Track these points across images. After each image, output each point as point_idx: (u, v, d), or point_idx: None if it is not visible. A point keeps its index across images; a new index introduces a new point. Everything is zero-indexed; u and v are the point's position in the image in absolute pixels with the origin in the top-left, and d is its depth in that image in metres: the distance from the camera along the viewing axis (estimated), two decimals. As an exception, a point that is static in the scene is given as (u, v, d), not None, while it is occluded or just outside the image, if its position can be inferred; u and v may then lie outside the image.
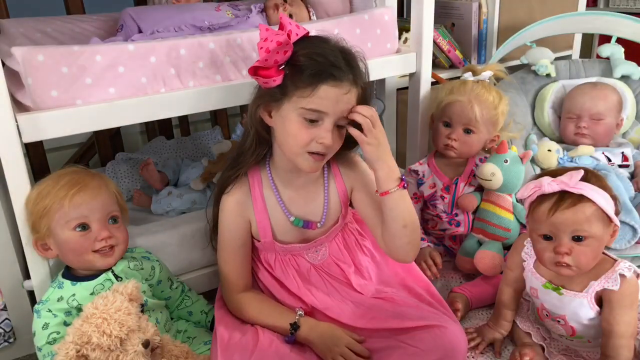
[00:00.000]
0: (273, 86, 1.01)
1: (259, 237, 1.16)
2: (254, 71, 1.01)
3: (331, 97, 1.00)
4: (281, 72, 1.01)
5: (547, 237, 1.01)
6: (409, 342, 1.03)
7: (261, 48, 0.98)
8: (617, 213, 1.00)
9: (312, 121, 1.01)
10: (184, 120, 2.11)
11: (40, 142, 1.59)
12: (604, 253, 1.03)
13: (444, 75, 1.97)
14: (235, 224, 1.15)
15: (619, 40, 1.82)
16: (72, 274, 1.08)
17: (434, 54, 1.80)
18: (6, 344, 1.26)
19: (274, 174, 1.15)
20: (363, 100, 1.07)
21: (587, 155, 1.55)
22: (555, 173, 1.02)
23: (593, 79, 1.76)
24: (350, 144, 1.11)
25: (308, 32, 1.04)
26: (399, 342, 1.04)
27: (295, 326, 1.09)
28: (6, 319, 1.24)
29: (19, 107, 1.09)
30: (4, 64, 1.09)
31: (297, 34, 1.01)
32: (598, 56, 1.84)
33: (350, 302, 1.15)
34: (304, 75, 0.99)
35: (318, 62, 0.99)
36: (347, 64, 1.02)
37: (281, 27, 1.03)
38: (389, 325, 1.08)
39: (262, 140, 1.12)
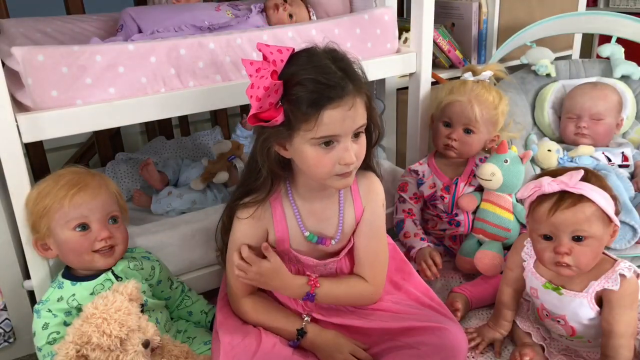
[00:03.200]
0: (278, 124, 0.98)
1: (275, 244, 1.13)
2: (254, 119, 0.97)
3: (337, 119, 0.95)
4: (280, 108, 0.96)
5: (547, 237, 1.01)
6: (410, 344, 1.03)
7: (251, 97, 0.95)
8: (617, 213, 1.00)
9: (328, 144, 0.98)
10: (184, 120, 2.11)
11: (40, 142, 1.59)
12: (604, 253, 1.03)
13: (444, 75, 1.97)
14: (250, 234, 1.11)
15: (619, 40, 1.82)
16: (72, 274, 1.08)
17: (434, 54, 1.80)
18: (6, 344, 1.26)
19: (293, 189, 1.12)
20: (369, 105, 1.03)
21: (587, 155, 1.55)
22: (555, 173, 1.02)
23: (593, 79, 1.76)
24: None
25: (293, 50, 1.00)
26: (401, 344, 1.05)
27: (302, 332, 1.09)
28: (6, 319, 1.24)
29: (19, 107, 1.08)
30: (4, 64, 1.09)
31: (281, 60, 0.96)
32: (598, 56, 1.84)
33: (352, 310, 1.15)
34: (303, 107, 0.94)
35: (311, 89, 0.94)
36: (343, 74, 0.97)
37: (264, 58, 0.98)
38: (389, 325, 1.08)
39: (277, 176, 1.08)
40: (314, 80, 0.95)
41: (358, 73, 1.02)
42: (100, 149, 1.89)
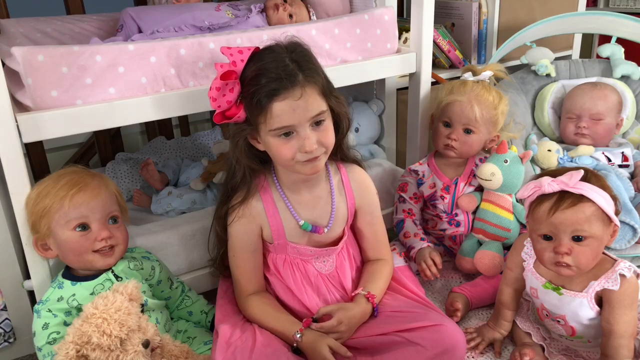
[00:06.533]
0: (242, 121, 1.04)
1: (272, 239, 1.16)
2: (220, 117, 1.03)
3: (287, 110, 0.99)
4: (241, 105, 1.03)
5: (547, 237, 1.01)
6: (408, 338, 1.04)
7: (210, 97, 1.01)
8: (617, 213, 1.00)
9: (287, 135, 1.02)
10: (184, 120, 2.11)
11: (40, 142, 1.59)
12: (604, 253, 1.04)
13: (444, 75, 1.97)
14: (246, 232, 1.14)
15: (619, 40, 1.83)
16: (72, 274, 1.08)
17: (434, 54, 1.80)
18: (6, 344, 1.26)
19: (280, 182, 1.15)
20: (327, 90, 1.06)
21: (587, 155, 1.55)
22: (555, 173, 1.02)
23: (593, 79, 1.76)
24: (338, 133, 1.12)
25: (257, 49, 1.03)
26: (399, 338, 1.05)
27: (295, 349, 1.09)
28: (6, 319, 1.24)
29: (19, 107, 1.09)
30: (4, 64, 1.09)
31: (242, 60, 1.01)
32: (598, 56, 1.85)
33: None
34: (254, 103, 1.00)
35: (260, 84, 0.99)
36: (297, 66, 1.00)
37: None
38: (386, 330, 1.08)
39: (254, 171, 1.13)
40: (261, 75, 1.00)
41: (313, 63, 1.05)
42: (100, 149, 1.89)
